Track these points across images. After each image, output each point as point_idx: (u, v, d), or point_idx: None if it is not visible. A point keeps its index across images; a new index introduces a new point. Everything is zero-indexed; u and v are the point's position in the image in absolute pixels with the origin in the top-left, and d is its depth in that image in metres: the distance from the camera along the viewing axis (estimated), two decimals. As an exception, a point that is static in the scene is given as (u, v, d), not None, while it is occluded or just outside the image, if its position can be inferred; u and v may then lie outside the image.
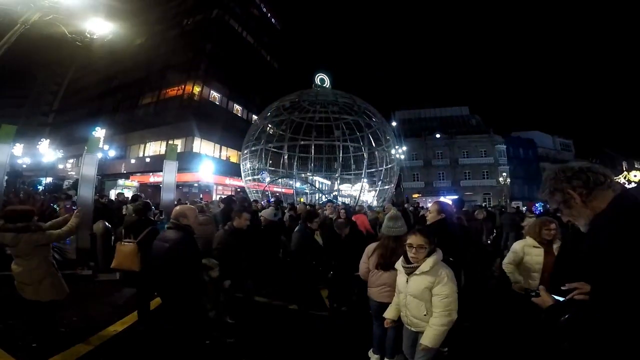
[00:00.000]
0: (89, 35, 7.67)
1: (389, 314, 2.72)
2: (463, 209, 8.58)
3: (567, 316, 1.25)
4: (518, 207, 16.99)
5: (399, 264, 2.63)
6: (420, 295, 2.42)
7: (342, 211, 5.39)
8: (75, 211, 3.79)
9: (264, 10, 42.70)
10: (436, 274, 2.39)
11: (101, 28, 8.10)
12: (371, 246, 3.25)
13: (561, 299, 1.40)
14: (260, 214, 6.43)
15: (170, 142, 25.58)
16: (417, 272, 2.43)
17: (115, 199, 11.02)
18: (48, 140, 33.61)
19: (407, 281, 2.52)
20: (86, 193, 7.89)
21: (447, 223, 3.61)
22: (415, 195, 36.29)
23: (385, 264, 3.00)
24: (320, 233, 4.63)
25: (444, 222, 3.58)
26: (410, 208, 13.37)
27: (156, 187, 26.17)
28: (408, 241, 2.53)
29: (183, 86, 29.91)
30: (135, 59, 32.99)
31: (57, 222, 3.85)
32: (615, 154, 47.45)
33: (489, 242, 9.68)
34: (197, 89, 29.80)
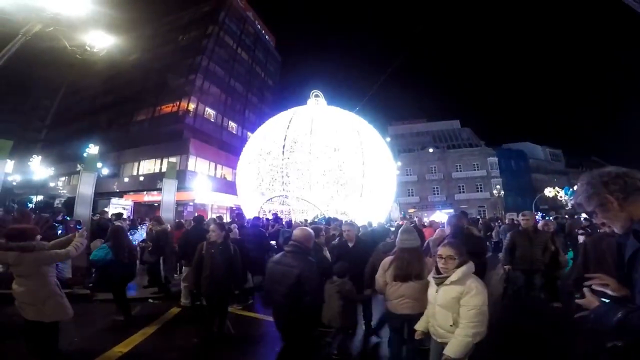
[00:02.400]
0: (88, 49, 7.69)
1: (420, 325, 2.71)
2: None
3: (619, 315, 1.27)
4: (513, 219, 17.11)
5: (430, 276, 2.67)
6: (448, 305, 2.44)
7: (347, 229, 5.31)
8: (81, 230, 3.72)
9: (259, 27, 43.48)
10: (465, 285, 2.41)
11: (100, 42, 8.14)
12: (387, 260, 3.29)
13: (606, 300, 1.41)
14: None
15: (165, 160, 25.44)
16: (446, 282, 2.47)
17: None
18: (40, 157, 33.13)
19: (436, 292, 2.55)
20: (83, 212, 7.80)
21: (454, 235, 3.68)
22: (411, 210, 36.36)
23: (403, 275, 3.05)
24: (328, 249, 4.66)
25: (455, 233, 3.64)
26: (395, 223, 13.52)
27: (150, 206, 25.82)
28: (438, 252, 2.59)
29: (178, 103, 29.98)
30: (129, 75, 33.10)
31: (60, 241, 3.76)
32: (603, 162, 48.34)
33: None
34: (191, 106, 29.88)
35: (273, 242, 7.82)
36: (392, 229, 10.57)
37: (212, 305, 4.18)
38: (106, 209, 17.51)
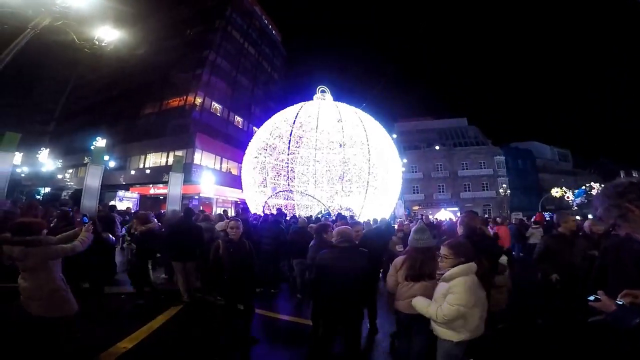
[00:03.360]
0: (97, 43, 7.69)
1: None
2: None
3: (637, 321, 1.28)
4: (522, 220, 16.93)
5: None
6: (438, 300, 2.63)
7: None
8: (87, 224, 3.69)
9: (266, 22, 43.29)
10: (450, 283, 2.58)
11: (108, 35, 8.14)
12: (399, 259, 3.30)
13: (621, 302, 1.42)
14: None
15: (171, 153, 25.52)
16: (441, 279, 2.70)
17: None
18: (48, 149, 33.42)
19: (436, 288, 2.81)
20: (90, 204, 7.83)
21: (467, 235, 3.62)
22: (416, 208, 36.20)
23: (415, 275, 3.08)
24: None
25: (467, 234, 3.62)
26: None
27: (155, 199, 25.99)
28: (440, 251, 2.81)
29: (185, 97, 30.01)
30: (136, 68, 33.16)
31: (67, 235, 3.73)
32: (611, 163, 47.67)
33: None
34: (198, 100, 29.89)
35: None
36: (395, 226, 10.35)
37: (233, 305, 4.00)
38: (112, 202, 17.65)
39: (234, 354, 3.90)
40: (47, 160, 30.57)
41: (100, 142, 22.06)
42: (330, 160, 17.48)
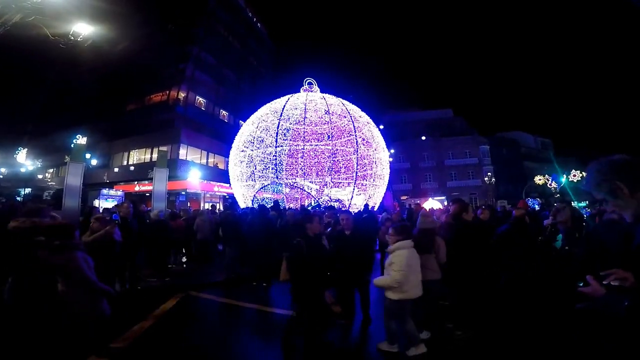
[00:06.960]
0: (72, 38, 7.37)
1: None
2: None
3: (626, 303, 1.22)
4: (504, 207, 17.21)
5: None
6: (388, 269, 3.48)
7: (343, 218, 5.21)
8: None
9: (251, 15, 42.52)
10: (392, 255, 3.47)
11: (84, 31, 7.84)
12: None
13: (616, 283, 1.36)
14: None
15: (156, 149, 25.01)
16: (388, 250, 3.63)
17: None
18: (26, 149, 32.36)
19: None
20: (72, 203, 7.60)
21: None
22: (404, 197, 36.53)
23: (421, 248, 3.83)
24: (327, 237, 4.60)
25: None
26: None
27: (141, 196, 25.49)
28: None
29: (168, 92, 29.39)
30: (118, 64, 32.26)
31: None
32: (592, 150, 49.07)
33: None
34: (182, 95, 29.31)
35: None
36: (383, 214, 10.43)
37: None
38: (96, 202, 17.21)
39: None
40: (26, 161, 29.62)
41: (81, 140, 21.47)
42: (319, 152, 17.44)
